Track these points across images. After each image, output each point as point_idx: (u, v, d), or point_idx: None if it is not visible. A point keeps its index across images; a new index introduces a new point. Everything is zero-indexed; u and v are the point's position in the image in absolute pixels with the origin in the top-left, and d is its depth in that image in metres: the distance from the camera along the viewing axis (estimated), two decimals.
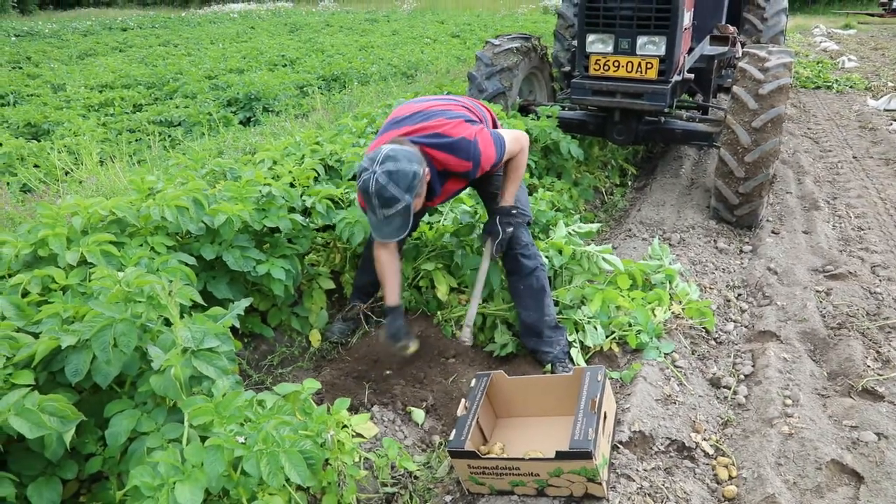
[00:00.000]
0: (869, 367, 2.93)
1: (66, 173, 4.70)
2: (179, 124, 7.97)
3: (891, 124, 7.58)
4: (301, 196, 3.23)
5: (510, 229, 2.80)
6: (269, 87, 9.05)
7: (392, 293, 2.78)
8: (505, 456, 2.20)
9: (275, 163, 3.63)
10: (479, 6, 26.69)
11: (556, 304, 3.10)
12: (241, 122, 8.26)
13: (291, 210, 3.13)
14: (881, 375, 2.85)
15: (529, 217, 2.97)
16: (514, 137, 2.70)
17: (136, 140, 7.20)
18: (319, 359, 3.17)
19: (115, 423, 1.73)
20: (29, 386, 1.63)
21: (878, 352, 3.05)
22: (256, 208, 2.94)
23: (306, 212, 3.27)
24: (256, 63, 12.32)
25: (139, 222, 2.57)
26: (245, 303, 2.21)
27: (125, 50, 16.70)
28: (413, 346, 2.78)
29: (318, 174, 3.53)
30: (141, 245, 2.47)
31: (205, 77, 10.81)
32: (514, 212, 2.83)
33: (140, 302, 1.87)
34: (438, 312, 3.17)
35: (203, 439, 1.67)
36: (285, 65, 12.35)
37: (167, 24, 24.81)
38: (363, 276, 3.18)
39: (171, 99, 9.57)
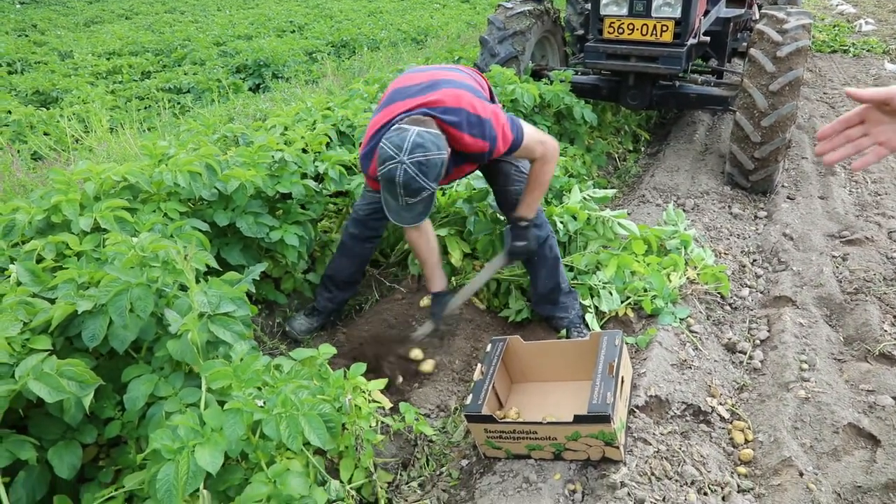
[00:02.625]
0: (886, 331, 2.90)
1: (77, 140, 4.69)
2: (188, 91, 7.92)
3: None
4: (313, 162, 3.20)
5: (519, 243, 2.66)
6: (278, 54, 8.96)
7: (433, 278, 2.71)
8: (523, 420, 2.20)
9: (286, 129, 3.59)
10: None
11: (571, 269, 3.08)
12: (250, 89, 8.20)
13: (304, 176, 3.10)
14: None
15: None
16: (540, 139, 2.49)
17: (146, 107, 7.17)
18: (332, 323, 3.17)
19: (132, 388, 1.74)
20: (47, 351, 1.63)
21: (894, 316, 3.02)
22: (269, 174, 2.91)
23: (319, 177, 3.24)
24: (265, 29, 12.18)
25: (152, 188, 2.55)
26: (260, 267, 2.21)
27: (131, 17, 16.54)
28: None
29: (331, 140, 3.49)
30: (154, 211, 2.46)
31: (213, 44, 10.71)
32: (531, 224, 2.67)
33: (155, 267, 1.86)
34: (452, 278, 3.16)
35: (221, 404, 1.67)
36: (294, 31, 12.21)
37: None
38: (343, 266, 2.96)
39: (179, 66, 9.51)
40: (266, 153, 2.98)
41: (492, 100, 2.73)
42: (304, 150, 3.30)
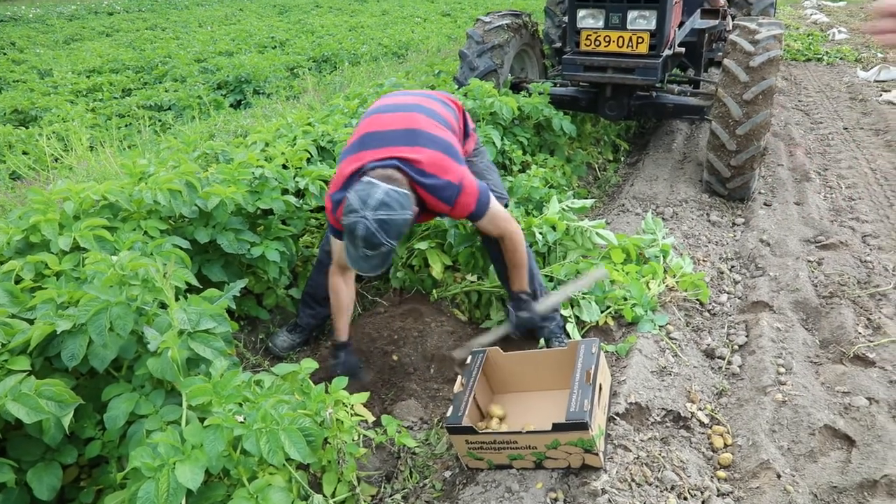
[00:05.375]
0: (860, 333, 2.96)
1: (56, 159, 4.67)
2: (169, 108, 7.91)
3: (880, 95, 7.57)
4: (294, 177, 3.22)
5: (524, 314, 2.71)
6: (259, 70, 8.98)
7: (344, 329, 2.70)
8: (502, 430, 2.22)
9: (267, 145, 3.61)
10: None
11: (551, 279, 3.12)
12: (231, 105, 8.20)
13: (285, 192, 3.12)
14: (872, 342, 2.88)
15: (506, 198, 2.91)
16: (507, 217, 2.56)
17: (126, 125, 7.15)
18: (315, 338, 3.17)
19: (113, 407, 1.74)
20: (25, 372, 1.63)
21: (868, 319, 3.08)
22: (250, 190, 2.93)
23: (300, 193, 3.26)
24: (246, 45, 12.20)
25: (132, 206, 2.55)
26: (240, 284, 2.21)
27: (112, 34, 16.50)
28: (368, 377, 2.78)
29: (311, 155, 3.51)
30: (134, 229, 2.46)
31: (194, 60, 10.71)
32: (525, 297, 2.72)
33: (135, 285, 1.87)
34: (434, 291, 3.18)
35: (202, 420, 1.68)
36: (275, 46, 12.24)
37: (154, 8, 24.51)
38: (321, 283, 2.88)
39: (160, 83, 9.49)
40: (246, 170, 2.99)
41: (465, 124, 2.78)
42: (285, 166, 3.32)
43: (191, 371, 1.83)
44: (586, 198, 4.24)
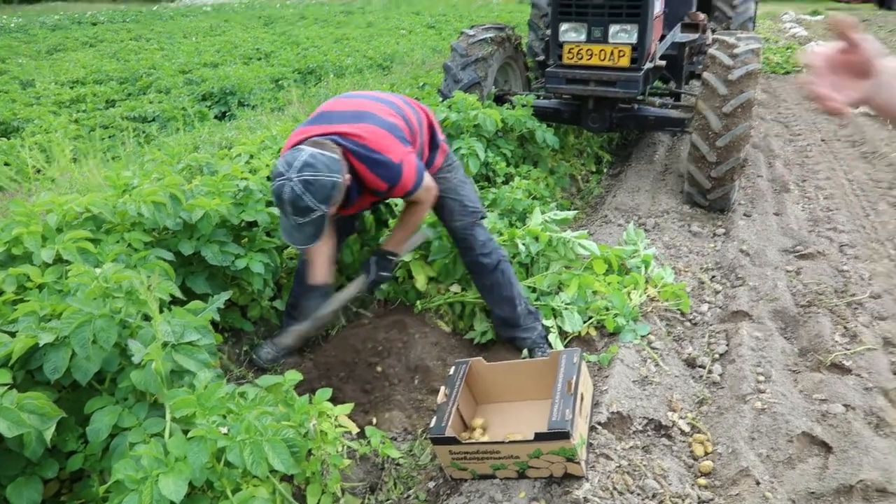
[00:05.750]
0: (837, 342, 3.01)
1: (38, 171, 4.65)
2: (154, 120, 7.89)
3: (857, 107, 7.71)
4: None
5: (385, 274, 2.78)
6: (244, 81, 8.98)
7: (322, 273, 2.70)
8: (485, 440, 2.23)
9: (252, 157, 3.62)
10: None
11: (534, 290, 3.15)
12: (216, 117, 8.19)
13: (269, 203, 3.12)
14: (849, 350, 2.94)
15: (482, 212, 2.94)
16: (429, 186, 2.60)
17: (110, 136, 7.12)
18: (300, 350, 3.18)
19: (95, 420, 1.74)
20: (6, 385, 1.63)
21: (845, 327, 3.13)
22: (234, 202, 2.94)
23: None
24: (231, 57, 12.20)
25: (115, 218, 2.55)
26: (225, 296, 2.22)
27: (96, 45, 16.40)
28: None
29: None
30: (118, 241, 2.46)
31: (178, 72, 10.68)
32: (392, 258, 2.80)
33: (118, 297, 1.87)
34: (418, 302, 3.20)
35: (186, 433, 1.68)
36: (260, 58, 12.24)
37: (138, 19, 24.43)
38: (302, 294, 2.93)
39: (144, 94, 9.46)
40: (231, 182, 3.00)
41: (431, 130, 2.81)
42: (269, 178, 3.33)
43: (174, 383, 1.83)
44: (569, 209, 4.29)
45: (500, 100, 5.34)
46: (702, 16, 5.87)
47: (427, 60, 9.52)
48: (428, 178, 2.59)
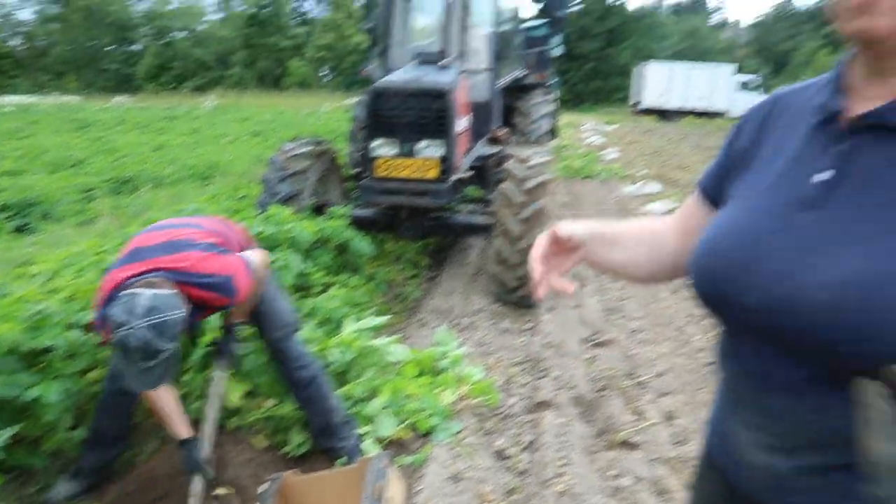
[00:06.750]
0: (627, 421, 3.36)
1: None
2: None
3: (643, 206, 8.88)
4: (81, 310, 3.07)
5: (242, 344, 2.85)
6: (49, 192, 8.42)
7: (184, 424, 2.59)
8: None
9: (54, 274, 3.43)
10: (283, 104, 27.08)
11: (349, 398, 3.20)
12: (16, 230, 7.56)
13: (70, 326, 2.96)
14: (636, 427, 3.28)
15: (295, 324, 2.99)
16: (258, 265, 2.65)
17: None
18: (98, 485, 2.94)
19: None
20: None
21: (634, 407, 3.51)
22: (28, 326, 2.76)
23: (89, 326, 3.10)
24: (37, 164, 11.38)
25: None
26: (8, 433, 2.06)
27: None
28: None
29: None
30: None
31: None
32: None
33: None
34: (234, 418, 3.11)
35: None
36: (72, 165, 11.54)
37: None
38: (108, 419, 2.77)
39: None
40: (24, 305, 2.83)
41: (243, 242, 2.86)
42: (72, 299, 3.16)
43: None
44: (387, 314, 4.45)
45: (319, 210, 5.50)
46: (503, 131, 6.55)
47: (249, 170, 9.57)
48: (256, 261, 2.63)
